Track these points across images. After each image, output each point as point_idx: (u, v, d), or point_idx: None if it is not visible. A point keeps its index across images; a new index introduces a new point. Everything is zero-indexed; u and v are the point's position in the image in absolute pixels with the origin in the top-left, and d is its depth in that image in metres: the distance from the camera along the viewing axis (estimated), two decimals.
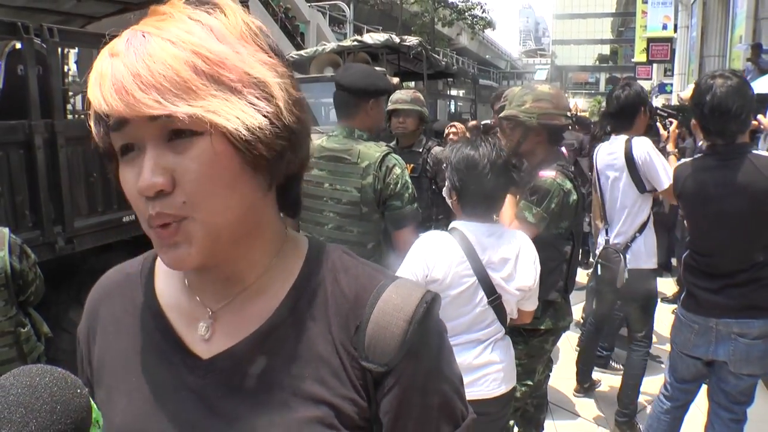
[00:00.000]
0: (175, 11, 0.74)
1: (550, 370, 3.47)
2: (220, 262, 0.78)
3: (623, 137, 3.70)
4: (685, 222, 3.28)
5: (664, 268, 7.31)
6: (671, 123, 4.54)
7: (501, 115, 2.96)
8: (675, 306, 4.42)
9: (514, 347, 2.83)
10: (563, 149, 3.73)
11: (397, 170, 2.70)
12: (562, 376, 4.44)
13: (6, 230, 2.50)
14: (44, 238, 3.74)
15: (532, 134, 2.89)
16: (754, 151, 2.67)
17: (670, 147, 4.05)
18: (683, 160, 2.92)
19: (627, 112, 3.72)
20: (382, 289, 0.81)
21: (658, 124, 4.87)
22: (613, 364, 4.78)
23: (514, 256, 2.28)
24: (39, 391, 0.66)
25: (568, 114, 3.02)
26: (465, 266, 2.21)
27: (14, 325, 2.51)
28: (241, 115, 0.71)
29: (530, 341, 2.82)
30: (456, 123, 6.49)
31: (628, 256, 3.63)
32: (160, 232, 0.72)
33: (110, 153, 0.77)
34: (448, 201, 2.43)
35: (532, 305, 2.42)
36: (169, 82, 0.68)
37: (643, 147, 3.57)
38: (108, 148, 0.76)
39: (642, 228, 3.72)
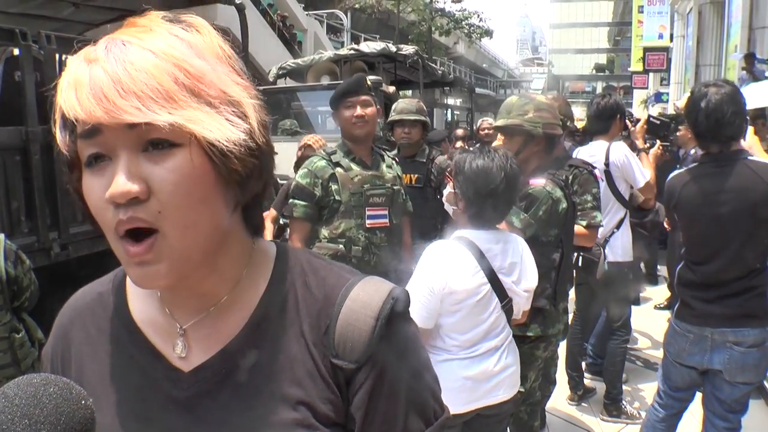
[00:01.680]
0: (153, 25, 0.75)
1: (553, 385, 3.48)
2: (190, 279, 0.78)
3: (603, 142, 4.10)
4: (670, 232, 3.34)
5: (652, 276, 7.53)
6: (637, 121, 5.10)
7: (502, 124, 2.95)
8: (668, 312, 4.54)
9: None
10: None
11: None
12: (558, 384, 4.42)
13: (1, 236, 2.50)
14: (40, 244, 3.75)
15: (532, 143, 2.91)
16: (750, 157, 2.68)
17: (639, 143, 4.50)
18: (676, 171, 2.95)
19: (604, 118, 4.17)
20: (350, 287, 0.83)
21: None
22: None
23: (519, 259, 2.38)
24: (43, 402, 0.64)
25: (567, 123, 3.08)
26: (480, 275, 2.27)
27: (8, 330, 2.51)
28: (221, 128, 0.71)
29: (520, 348, 2.82)
30: (486, 118, 6.64)
31: (606, 250, 3.87)
32: (128, 248, 0.71)
33: (74, 162, 0.76)
34: (450, 208, 2.48)
35: (528, 304, 2.50)
36: (151, 90, 0.68)
37: (620, 151, 4.01)
38: (73, 156, 0.75)
39: (619, 225, 4.12)
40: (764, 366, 2.75)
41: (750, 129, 2.91)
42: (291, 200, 3.13)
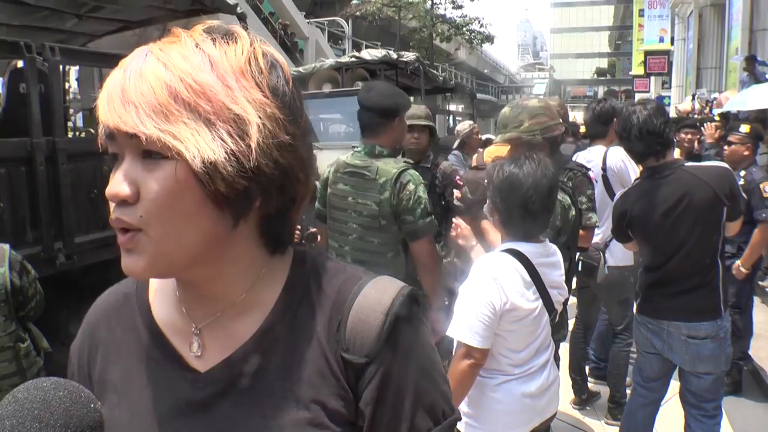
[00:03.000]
0: (186, 36, 0.77)
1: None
2: (197, 280, 0.82)
3: (601, 147, 4.12)
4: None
5: None
6: None
7: (500, 139, 2.94)
8: None
9: None
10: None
11: (411, 186, 2.84)
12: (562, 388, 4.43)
13: (6, 246, 2.53)
14: (45, 254, 3.77)
15: (536, 150, 2.86)
16: (686, 164, 2.92)
17: None
18: (619, 193, 3.19)
19: (601, 122, 4.18)
20: (362, 285, 0.85)
21: None
22: None
23: (562, 270, 2.35)
24: (53, 405, 0.65)
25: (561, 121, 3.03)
26: (533, 290, 2.20)
27: (14, 340, 2.53)
28: (202, 147, 0.71)
29: None
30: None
31: (606, 255, 3.88)
32: (119, 236, 0.76)
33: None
34: (490, 219, 2.43)
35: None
36: (147, 102, 0.71)
37: (617, 156, 4.00)
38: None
39: None
40: (723, 357, 2.92)
41: None
42: (430, 217, 2.97)
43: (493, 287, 2.11)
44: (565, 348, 4.78)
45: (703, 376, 2.95)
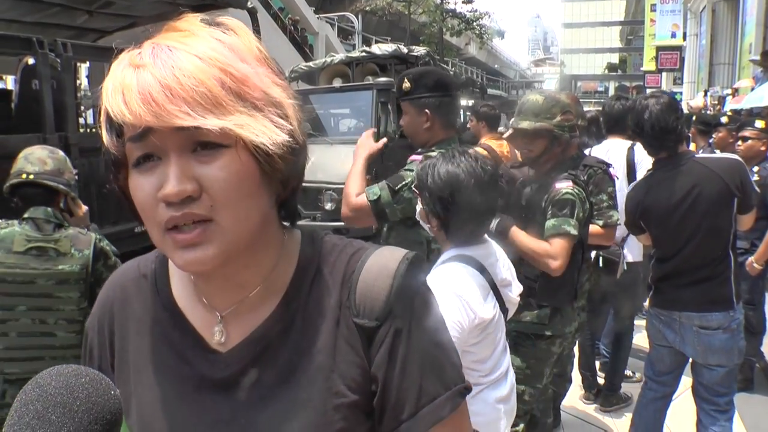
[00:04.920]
0: (195, 29, 0.77)
1: (569, 383, 3.49)
2: (228, 269, 0.82)
3: (620, 141, 4.16)
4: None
5: None
6: None
7: (529, 127, 2.82)
8: None
9: (522, 350, 2.84)
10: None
11: None
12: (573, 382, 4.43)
13: (92, 235, 2.58)
14: None
15: (556, 146, 2.86)
16: (696, 155, 2.91)
17: None
18: (632, 184, 3.21)
19: (622, 118, 4.11)
20: (369, 255, 0.88)
21: None
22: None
23: (508, 264, 2.22)
24: (76, 391, 0.65)
25: (578, 122, 2.98)
26: (491, 295, 2.06)
27: (83, 316, 2.57)
28: (267, 131, 0.74)
29: (538, 344, 2.83)
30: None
31: (624, 250, 3.91)
32: (176, 236, 0.74)
33: (120, 161, 0.78)
34: (426, 227, 2.19)
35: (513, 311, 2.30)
36: (199, 95, 0.70)
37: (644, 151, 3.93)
38: (120, 156, 0.78)
39: None
40: (735, 349, 2.92)
41: None
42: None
43: (457, 305, 1.91)
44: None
45: (715, 368, 2.95)
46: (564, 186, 2.72)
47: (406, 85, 2.77)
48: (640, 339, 5.35)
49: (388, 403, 0.83)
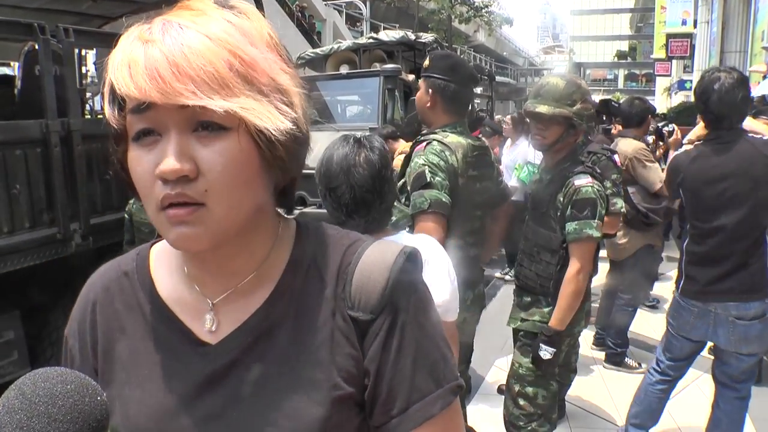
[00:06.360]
0: (207, 9, 0.76)
1: (574, 374, 3.47)
2: (220, 256, 0.81)
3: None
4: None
5: None
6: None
7: (548, 112, 2.70)
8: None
9: (531, 350, 2.79)
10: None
11: None
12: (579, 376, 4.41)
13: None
14: (61, 235, 3.79)
15: (571, 134, 2.77)
16: (750, 135, 2.91)
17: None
18: (682, 149, 3.20)
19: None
20: (366, 247, 0.87)
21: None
22: (628, 361, 4.75)
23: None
24: (60, 400, 0.64)
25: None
26: None
27: None
28: (272, 117, 0.74)
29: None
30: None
31: None
32: (170, 212, 0.73)
33: (120, 135, 0.78)
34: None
35: (452, 316, 2.07)
36: (207, 75, 0.70)
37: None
38: (121, 130, 0.77)
39: None
40: (767, 337, 2.92)
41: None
42: None
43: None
44: (584, 335, 4.76)
45: (744, 357, 2.95)
46: (584, 182, 2.65)
47: (426, 62, 2.80)
48: (645, 328, 5.35)
49: (379, 397, 0.82)
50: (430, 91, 2.73)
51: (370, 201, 1.83)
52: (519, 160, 6.69)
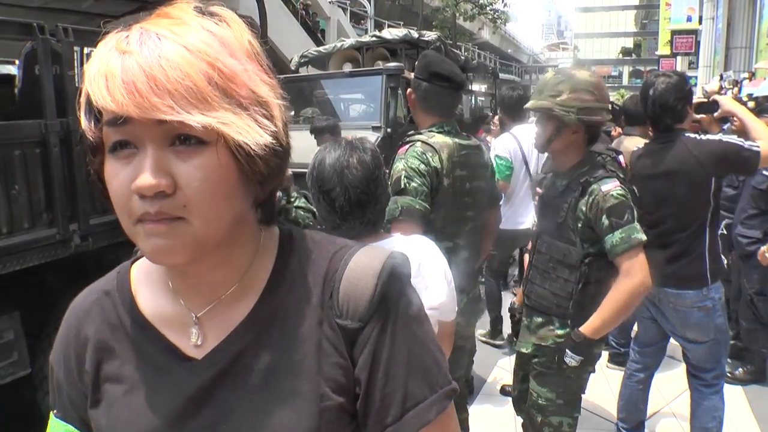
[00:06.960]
0: (187, 18, 0.74)
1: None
2: (201, 268, 0.80)
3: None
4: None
5: None
6: None
7: (531, 105, 2.57)
8: None
9: (549, 379, 2.59)
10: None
11: None
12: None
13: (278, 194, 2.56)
14: (60, 236, 3.78)
15: (567, 131, 2.53)
16: (687, 134, 3.04)
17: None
18: (636, 147, 3.37)
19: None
20: (353, 253, 0.86)
21: None
22: None
23: (415, 272, 1.90)
24: None
25: (609, 107, 2.65)
26: None
27: None
28: (251, 131, 0.73)
29: (564, 373, 2.57)
30: None
31: None
32: (148, 226, 0.72)
33: (97, 147, 0.76)
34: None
35: (450, 316, 2.06)
36: (185, 89, 0.68)
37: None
38: (97, 141, 0.76)
39: None
40: (711, 326, 3.04)
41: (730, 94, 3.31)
42: None
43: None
44: None
45: (693, 343, 3.11)
46: (611, 187, 2.41)
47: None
48: None
49: (372, 407, 0.81)
50: (408, 90, 2.78)
51: (364, 202, 1.82)
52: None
